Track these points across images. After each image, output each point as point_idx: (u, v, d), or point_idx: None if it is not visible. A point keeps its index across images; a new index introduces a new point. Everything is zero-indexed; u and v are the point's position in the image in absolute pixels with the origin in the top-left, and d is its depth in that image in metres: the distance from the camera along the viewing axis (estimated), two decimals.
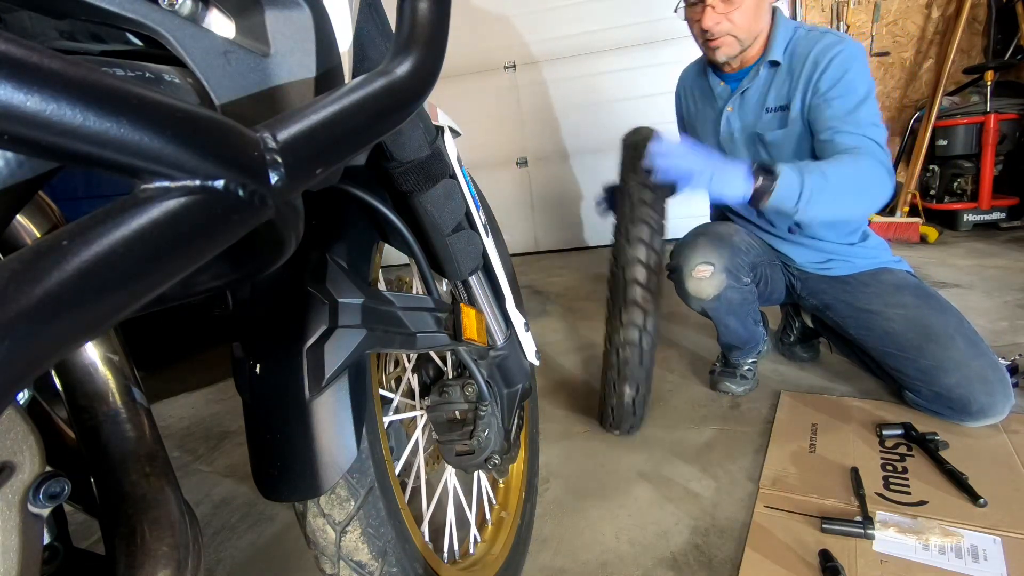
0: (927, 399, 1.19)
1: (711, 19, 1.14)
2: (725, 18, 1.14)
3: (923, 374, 1.17)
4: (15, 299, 0.18)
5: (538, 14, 3.01)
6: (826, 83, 1.14)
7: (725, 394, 1.45)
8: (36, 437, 0.32)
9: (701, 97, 1.39)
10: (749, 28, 1.16)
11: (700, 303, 1.32)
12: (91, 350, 0.42)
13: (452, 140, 0.70)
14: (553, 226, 3.38)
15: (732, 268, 1.27)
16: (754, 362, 1.47)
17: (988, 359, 1.13)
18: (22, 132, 0.19)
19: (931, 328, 1.17)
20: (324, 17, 0.39)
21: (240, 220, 0.26)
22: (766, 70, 1.22)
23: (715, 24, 1.14)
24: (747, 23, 1.15)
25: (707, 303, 1.31)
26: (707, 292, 1.28)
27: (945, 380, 1.13)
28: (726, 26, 1.15)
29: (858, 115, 1.12)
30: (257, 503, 1.28)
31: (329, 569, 0.61)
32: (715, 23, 1.14)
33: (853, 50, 1.14)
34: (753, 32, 1.18)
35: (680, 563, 0.96)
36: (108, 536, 0.40)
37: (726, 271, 1.26)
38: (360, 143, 0.34)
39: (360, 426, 0.56)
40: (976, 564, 0.85)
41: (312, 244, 0.56)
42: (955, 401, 1.13)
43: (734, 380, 1.44)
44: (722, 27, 1.15)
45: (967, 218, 2.62)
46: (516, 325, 0.83)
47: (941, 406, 1.17)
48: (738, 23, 1.15)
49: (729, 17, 1.14)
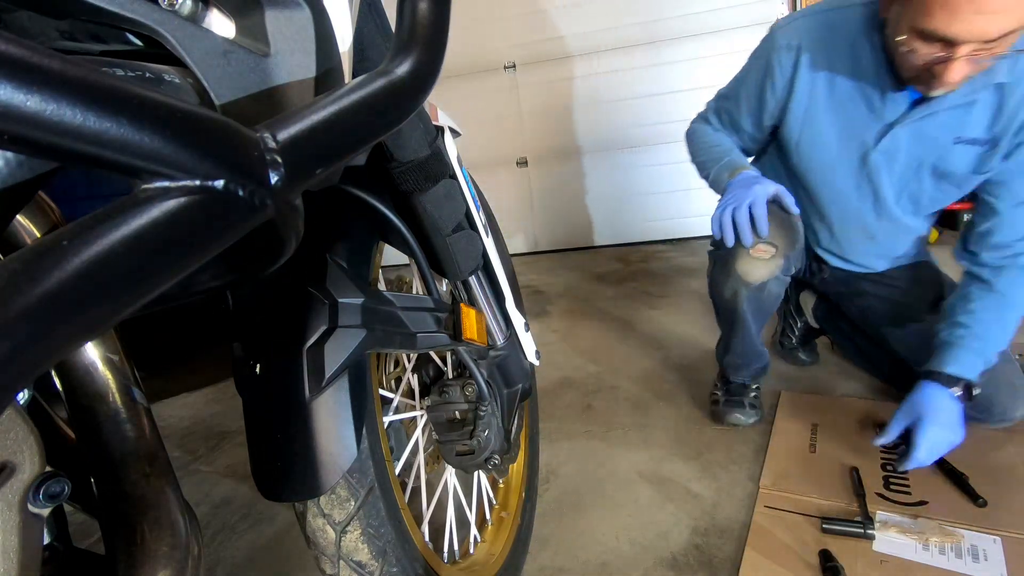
0: None
1: (959, 72, 0.82)
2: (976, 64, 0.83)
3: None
4: (15, 299, 0.18)
5: (538, 14, 3.01)
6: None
7: (734, 426, 1.31)
8: (36, 437, 0.32)
9: (852, 93, 1.02)
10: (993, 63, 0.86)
11: (741, 288, 1.13)
12: (91, 350, 0.42)
13: (452, 140, 0.70)
14: (553, 226, 3.38)
15: (789, 256, 1.10)
16: (759, 388, 1.36)
17: (1012, 364, 1.12)
18: (22, 132, 0.19)
19: None
20: (324, 17, 0.39)
21: (240, 220, 0.26)
22: (978, 93, 0.93)
23: (962, 76, 0.84)
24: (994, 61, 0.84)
25: (748, 290, 1.13)
26: (758, 275, 1.10)
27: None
28: (974, 70, 0.84)
29: None
30: (257, 503, 1.27)
31: (329, 569, 0.61)
32: (962, 75, 0.84)
33: None
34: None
35: (680, 563, 0.96)
36: (108, 536, 0.40)
37: (784, 258, 1.08)
38: (360, 143, 0.34)
39: (360, 426, 0.55)
40: (976, 564, 0.85)
41: (312, 244, 0.56)
42: (979, 403, 1.08)
43: (743, 410, 1.30)
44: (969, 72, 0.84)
45: (967, 218, 2.61)
46: (516, 325, 0.83)
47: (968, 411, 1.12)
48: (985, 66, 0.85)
49: (981, 63, 0.83)
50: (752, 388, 1.35)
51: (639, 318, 2.06)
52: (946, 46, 0.81)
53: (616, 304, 2.27)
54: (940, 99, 0.94)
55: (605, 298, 2.38)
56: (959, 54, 0.80)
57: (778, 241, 1.06)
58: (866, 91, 1.01)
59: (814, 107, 1.06)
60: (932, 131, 0.99)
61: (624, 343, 1.89)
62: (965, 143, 0.98)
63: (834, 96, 1.04)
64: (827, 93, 1.04)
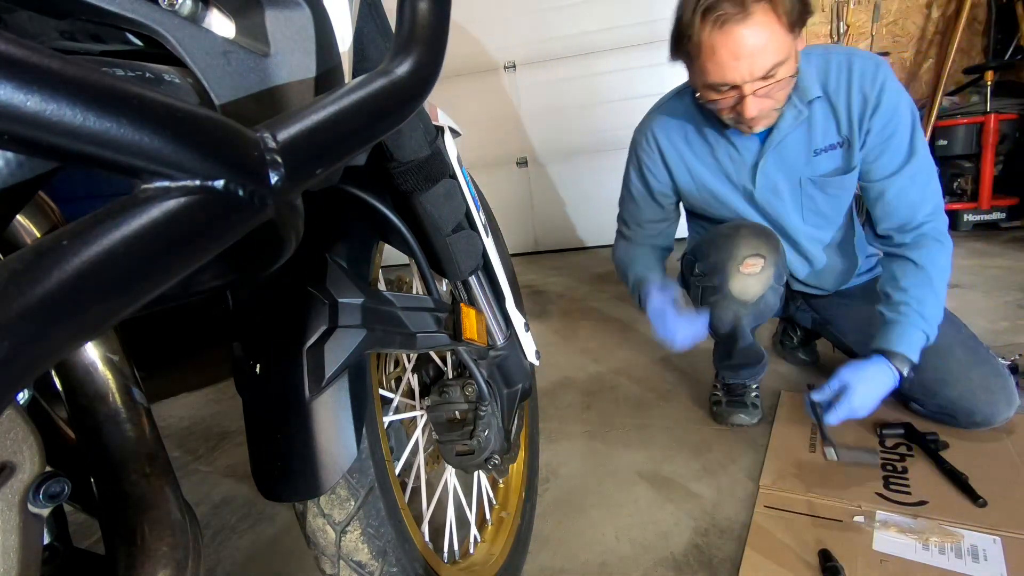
0: (932, 410, 1.17)
1: (755, 107, 0.95)
2: (767, 97, 0.96)
3: (925, 387, 1.14)
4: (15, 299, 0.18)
5: (538, 14, 3.01)
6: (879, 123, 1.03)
7: (737, 426, 1.32)
8: (36, 437, 0.32)
9: (712, 152, 1.15)
10: (788, 91, 1.00)
11: (740, 309, 1.15)
12: (91, 350, 0.42)
13: (452, 140, 0.70)
14: (553, 226, 3.38)
15: (779, 265, 1.13)
16: (758, 387, 1.39)
17: (989, 366, 1.12)
18: (22, 132, 0.19)
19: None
20: (324, 17, 0.39)
21: (240, 220, 0.26)
22: (806, 110, 1.05)
23: (759, 111, 0.96)
24: (787, 89, 0.99)
25: (746, 309, 1.15)
26: (754, 291, 1.12)
27: (947, 393, 1.12)
28: (768, 103, 0.97)
29: (917, 162, 1.04)
30: (257, 503, 1.28)
31: (329, 569, 0.61)
32: (758, 110, 0.96)
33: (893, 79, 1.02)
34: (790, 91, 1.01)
35: (680, 563, 0.96)
36: (108, 536, 0.40)
37: (774, 266, 1.11)
38: (360, 143, 0.34)
39: (360, 426, 0.55)
40: (976, 564, 0.85)
41: (312, 244, 0.56)
42: (959, 412, 1.12)
43: (746, 410, 1.32)
44: (765, 106, 0.97)
45: (967, 218, 2.61)
46: (516, 325, 0.83)
47: (946, 416, 1.15)
48: (778, 96, 0.98)
49: (771, 95, 0.96)
50: (753, 388, 1.37)
51: (639, 318, 2.06)
52: (733, 89, 0.95)
53: (616, 304, 2.27)
54: (779, 127, 1.06)
55: (605, 298, 2.38)
56: (747, 92, 0.94)
57: (764, 251, 1.10)
58: (721, 146, 1.14)
59: (693, 171, 1.19)
60: (790, 153, 1.10)
61: (624, 343, 1.89)
62: (823, 151, 1.09)
63: (701, 160, 1.17)
64: (695, 159, 1.18)
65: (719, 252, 1.13)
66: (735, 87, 0.94)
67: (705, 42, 0.92)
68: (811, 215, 1.18)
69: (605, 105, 3.05)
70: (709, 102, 1.01)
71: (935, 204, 1.07)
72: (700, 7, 0.91)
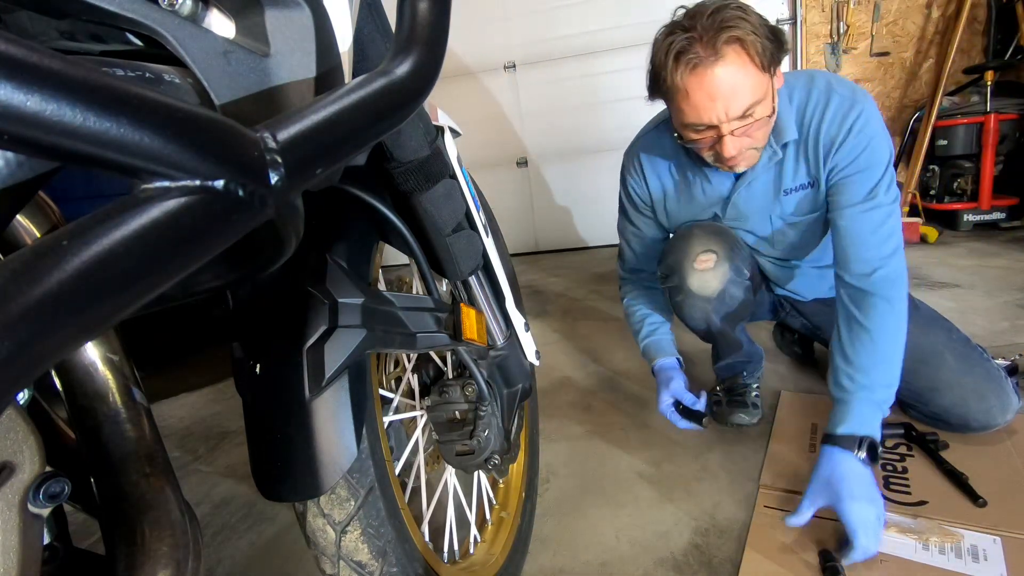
0: (927, 416, 1.17)
1: (733, 147, 0.96)
2: (745, 136, 0.96)
3: (918, 396, 1.14)
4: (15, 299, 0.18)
5: (538, 14, 3.01)
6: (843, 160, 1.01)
7: (737, 426, 1.31)
8: (36, 437, 0.32)
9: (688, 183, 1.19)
10: (768, 132, 1.01)
11: (704, 304, 1.18)
12: (91, 350, 0.42)
13: (452, 140, 0.70)
14: (553, 226, 3.38)
15: (734, 258, 1.16)
16: (759, 387, 1.38)
17: (981, 370, 1.10)
18: (22, 132, 0.19)
19: (919, 348, 1.10)
20: (324, 17, 0.39)
21: (240, 220, 0.26)
22: (780, 152, 1.06)
23: (737, 151, 0.97)
24: (766, 128, 0.99)
25: (711, 304, 1.18)
26: (712, 286, 1.15)
27: (940, 401, 1.11)
28: (747, 142, 0.98)
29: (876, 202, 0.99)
30: (257, 503, 1.28)
31: (329, 569, 0.61)
32: (737, 150, 0.97)
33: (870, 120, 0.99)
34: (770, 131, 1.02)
35: (680, 563, 0.96)
36: (108, 536, 0.40)
37: (729, 260, 1.15)
38: (360, 143, 0.34)
39: (360, 426, 0.56)
40: (976, 564, 0.85)
41: (312, 244, 0.56)
42: (954, 419, 1.11)
43: (747, 410, 1.30)
44: (743, 145, 0.98)
45: (967, 218, 2.62)
46: (516, 325, 0.83)
47: (941, 423, 1.14)
48: (757, 136, 0.98)
49: (749, 134, 0.96)
50: (753, 387, 1.37)
51: None
52: (711, 129, 0.96)
53: (616, 304, 2.27)
54: (752, 167, 1.06)
55: (605, 298, 2.38)
56: (724, 132, 0.94)
57: (715, 247, 1.15)
58: (697, 180, 1.17)
59: (668, 206, 1.24)
60: (760, 192, 1.13)
61: (624, 343, 1.89)
62: (793, 191, 1.11)
63: (678, 195, 1.22)
64: (672, 186, 1.22)
65: (676, 253, 1.19)
66: (713, 127, 0.95)
67: (679, 85, 0.93)
68: (783, 246, 1.22)
69: (605, 105, 3.05)
70: (689, 142, 1.02)
71: (892, 250, 0.99)
72: (672, 50, 0.92)
